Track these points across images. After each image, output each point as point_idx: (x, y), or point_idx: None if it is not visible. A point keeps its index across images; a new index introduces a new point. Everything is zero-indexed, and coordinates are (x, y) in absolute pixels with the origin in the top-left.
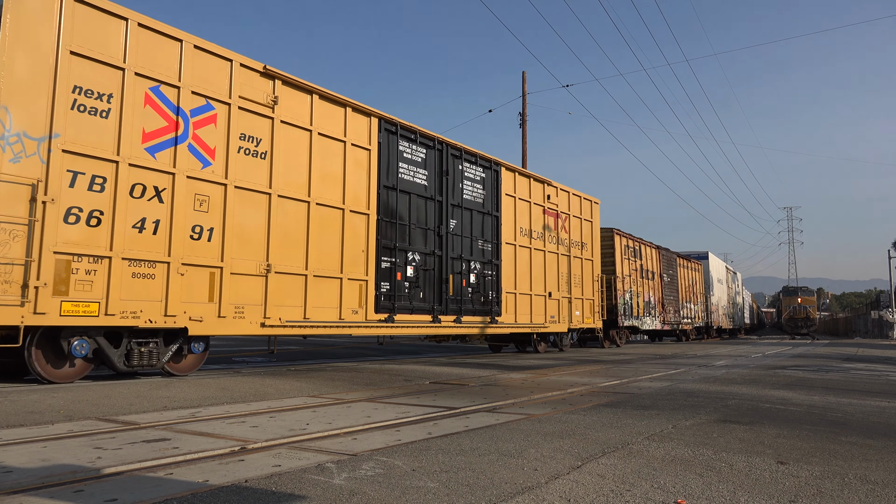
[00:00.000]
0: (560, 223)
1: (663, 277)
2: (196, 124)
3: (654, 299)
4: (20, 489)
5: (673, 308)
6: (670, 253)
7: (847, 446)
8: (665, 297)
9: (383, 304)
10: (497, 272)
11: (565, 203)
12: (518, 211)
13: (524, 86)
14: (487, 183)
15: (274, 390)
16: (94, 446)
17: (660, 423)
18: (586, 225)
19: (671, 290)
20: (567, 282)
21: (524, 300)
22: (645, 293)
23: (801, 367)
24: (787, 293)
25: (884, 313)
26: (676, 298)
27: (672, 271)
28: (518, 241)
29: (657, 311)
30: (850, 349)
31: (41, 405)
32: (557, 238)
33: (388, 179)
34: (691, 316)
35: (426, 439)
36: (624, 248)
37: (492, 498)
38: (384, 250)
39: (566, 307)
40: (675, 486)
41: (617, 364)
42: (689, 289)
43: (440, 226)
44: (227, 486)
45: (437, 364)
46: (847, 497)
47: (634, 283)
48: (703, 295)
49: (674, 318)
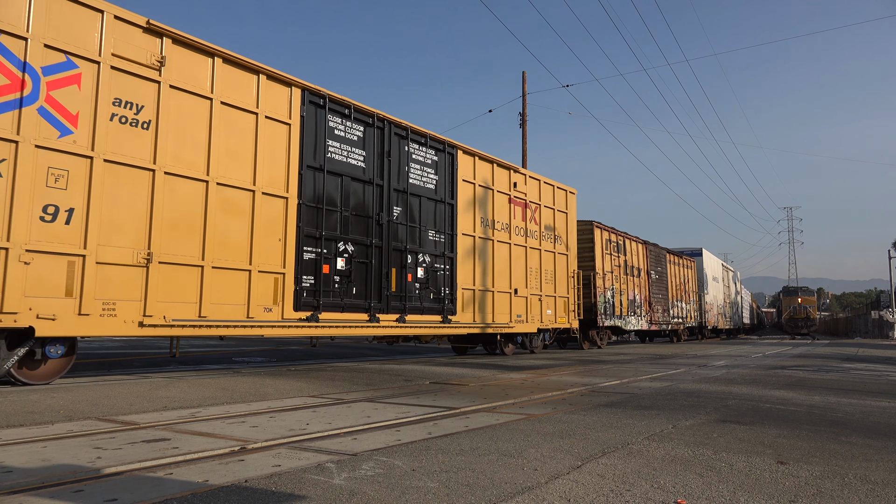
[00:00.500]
0: (529, 214)
1: (651, 274)
2: (51, 84)
3: (641, 298)
4: (20, 489)
5: (662, 307)
6: (659, 249)
7: (847, 446)
8: (653, 296)
9: (306, 301)
10: (452, 266)
11: (535, 192)
12: (478, 199)
13: (524, 86)
14: (441, 167)
15: (274, 390)
16: (94, 446)
17: (660, 423)
18: (560, 216)
19: (660, 287)
20: (537, 278)
21: (485, 297)
22: (630, 291)
23: (802, 368)
24: (787, 293)
25: (884, 313)
26: (666, 297)
27: (661, 268)
28: (478, 232)
29: (644, 310)
30: (851, 349)
31: (41, 405)
32: (526, 230)
33: (314, 159)
34: (683, 315)
35: (426, 439)
36: (605, 243)
37: (492, 498)
38: (308, 239)
39: (536, 305)
40: (675, 486)
41: (599, 363)
42: (680, 287)
43: (381, 213)
44: (227, 486)
45: (437, 364)
46: (847, 497)
47: (617, 280)
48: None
49: (663, 318)
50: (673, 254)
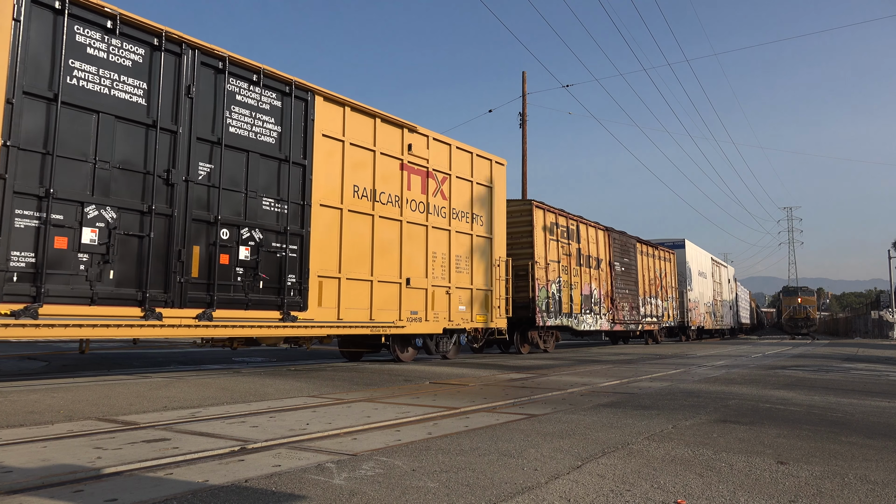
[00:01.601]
0: (433, 186)
1: (614, 266)
2: None
3: (600, 293)
4: (20, 489)
5: (630, 304)
6: (626, 237)
7: (847, 446)
8: (617, 291)
9: (16, 289)
10: (302, 246)
11: (443, 159)
12: (350, 162)
13: (524, 86)
14: (287, 116)
15: (274, 390)
16: (94, 446)
17: (660, 423)
18: (481, 191)
19: (627, 281)
20: (444, 266)
21: (357, 289)
22: (585, 285)
23: (802, 368)
24: (787, 293)
25: (884, 313)
26: (635, 292)
27: (629, 259)
28: (348, 203)
29: (604, 307)
30: (851, 349)
31: (41, 405)
32: (427, 205)
33: (37, 83)
34: (658, 314)
35: (426, 439)
36: (550, 227)
37: (492, 498)
38: (24, 200)
39: (442, 300)
40: (675, 486)
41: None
42: (654, 281)
43: (171, 170)
44: (227, 486)
45: (437, 364)
46: (847, 497)
47: (566, 272)
48: (675, 289)
49: (630, 317)
50: (646, 244)
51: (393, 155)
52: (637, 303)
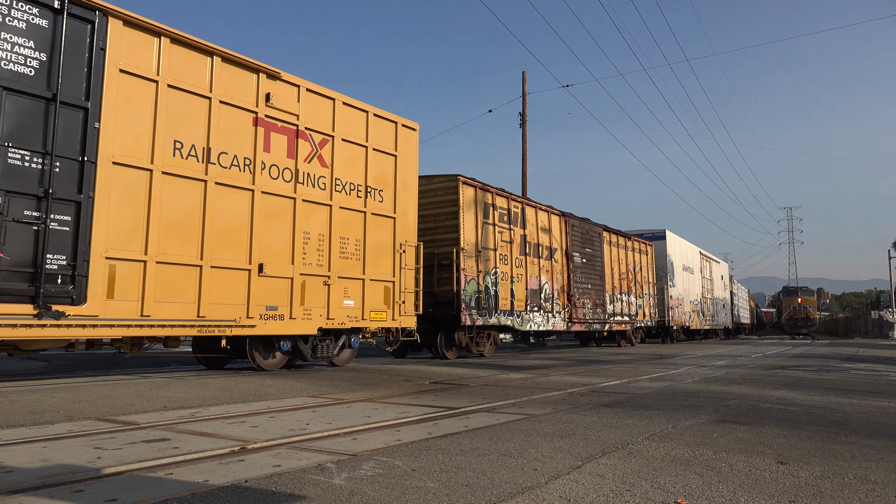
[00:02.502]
0: (306, 149)
1: (572, 257)
2: None
3: (553, 287)
4: (20, 489)
5: (593, 301)
6: (589, 224)
7: (847, 446)
8: (575, 285)
9: None
10: (80, 218)
11: (323, 117)
12: (168, 110)
13: (524, 86)
14: (57, 41)
15: (274, 390)
16: (94, 446)
17: (660, 423)
18: (381, 161)
19: (590, 275)
20: (322, 250)
21: (177, 276)
22: (532, 278)
23: (802, 368)
24: (787, 293)
25: (884, 313)
26: (601, 288)
27: (593, 250)
28: (164, 164)
29: (559, 303)
30: (851, 349)
31: (41, 405)
32: (296, 173)
33: None
34: (630, 312)
35: (426, 439)
36: (485, 209)
37: (492, 498)
38: None
39: (318, 293)
40: (675, 486)
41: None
42: (627, 276)
43: None
44: (227, 486)
45: (437, 364)
46: (847, 497)
47: (506, 262)
48: (653, 285)
49: (594, 315)
50: (615, 233)
51: (242, 106)
52: (603, 299)
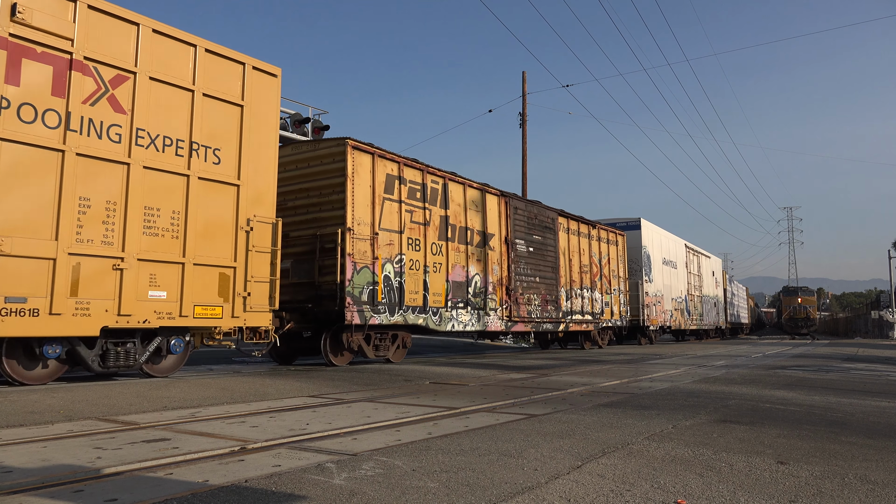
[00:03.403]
0: (88, 87)
1: (515, 245)
2: None
3: (488, 280)
4: (20, 489)
5: (543, 296)
6: (540, 208)
7: (847, 446)
8: (518, 278)
9: None
10: None
11: (121, 48)
12: None
13: (524, 86)
14: None
15: (274, 390)
16: (94, 446)
17: (660, 423)
18: (218, 112)
19: (539, 267)
20: (112, 222)
21: None
22: (456, 268)
23: (802, 368)
24: (788, 293)
25: (884, 313)
26: (554, 282)
27: (543, 237)
28: None
29: (495, 299)
30: (851, 349)
31: (41, 405)
32: (66, 119)
33: None
34: (594, 310)
35: (426, 439)
36: (385, 181)
37: (492, 498)
38: None
39: (103, 281)
40: (675, 486)
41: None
42: (589, 268)
43: None
44: (227, 486)
45: (437, 364)
46: (847, 497)
47: (417, 248)
48: (624, 280)
49: (544, 313)
50: (575, 219)
51: None
52: (556, 295)
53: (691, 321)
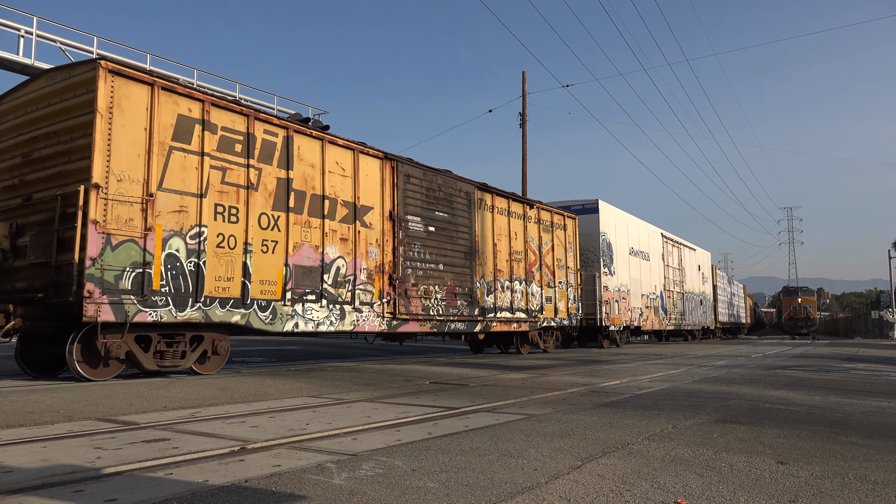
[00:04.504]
0: None
1: (404, 222)
2: None
3: (359, 265)
4: (20, 489)
5: (449, 288)
6: (447, 178)
7: (847, 446)
8: (411, 265)
9: None
10: None
11: None
12: None
13: (524, 86)
14: None
15: (274, 390)
16: (94, 446)
17: (660, 423)
18: None
19: (445, 252)
20: None
21: None
22: (305, 249)
23: (802, 368)
24: (788, 293)
25: (884, 313)
26: (470, 271)
27: (455, 215)
28: None
29: (371, 290)
30: (851, 349)
31: (41, 405)
32: None
33: None
34: (531, 306)
35: (426, 439)
36: (177, 124)
37: (492, 498)
38: None
39: None
40: (675, 486)
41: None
42: (524, 256)
43: None
44: (227, 486)
45: (437, 364)
46: (847, 497)
47: (234, 219)
48: (575, 272)
49: (449, 309)
50: (503, 196)
51: None
52: (471, 287)
53: (668, 320)
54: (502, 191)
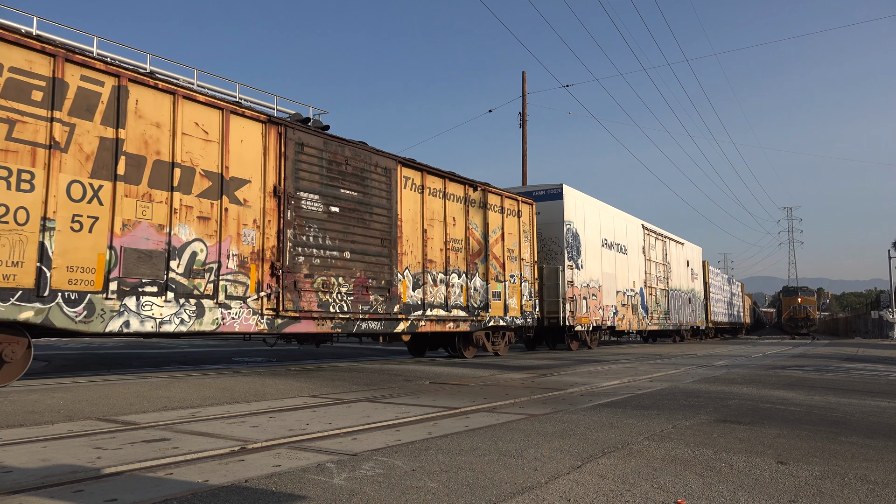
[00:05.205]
0: None
1: (295, 200)
2: None
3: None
4: (20, 489)
5: (361, 280)
6: (357, 149)
7: (847, 446)
8: (305, 251)
9: None
10: None
11: None
12: None
13: (524, 86)
14: None
15: (274, 390)
16: (94, 446)
17: (660, 423)
18: None
19: (357, 237)
20: None
21: None
22: (140, 228)
23: (802, 367)
24: (787, 293)
25: (884, 313)
26: (389, 259)
27: (368, 195)
28: None
29: (247, 281)
30: (851, 349)
31: (41, 405)
32: None
33: None
34: (474, 303)
35: (426, 439)
36: None
37: (492, 498)
38: None
39: None
40: (675, 486)
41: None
42: (465, 245)
43: None
44: (227, 486)
45: (437, 364)
46: (847, 497)
47: (19, 185)
48: (532, 264)
49: (359, 305)
50: (436, 174)
51: None
52: (390, 279)
53: (650, 320)
54: (436, 169)
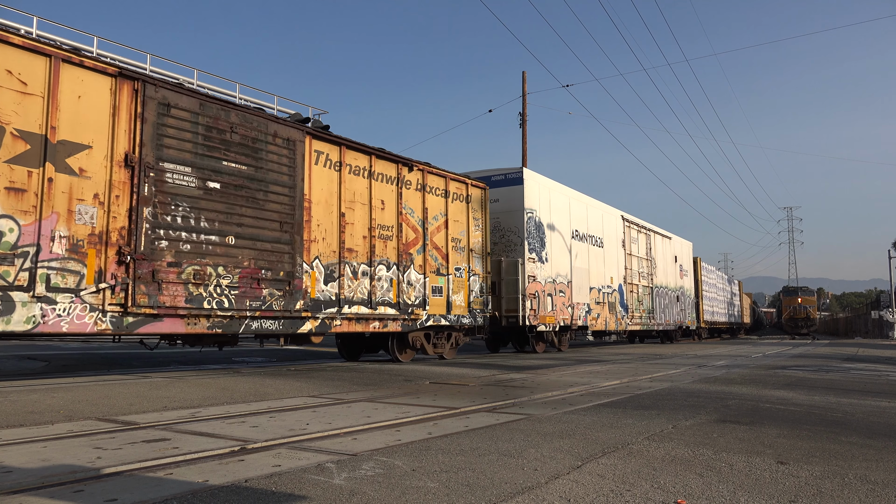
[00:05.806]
0: None
1: (160, 174)
2: None
3: (51, 233)
4: (20, 489)
5: (250, 271)
6: (249, 114)
7: (847, 446)
8: (174, 234)
9: None
10: None
11: None
12: None
13: (524, 86)
14: None
15: (274, 390)
16: (94, 446)
17: (660, 423)
18: None
19: (246, 219)
20: None
21: None
22: None
23: (802, 367)
24: (788, 293)
25: (884, 313)
26: (291, 245)
27: (264, 170)
28: None
29: (87, 271)
30: (851, 349)
31: (41, 405)
32: None
33: None
34: (407, 299)
35: (426, 439)
36: None
37: (492, 498)
38: None
39: None
40: (675, 486)
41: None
42: (396, 232)
43: None
44: (227, 486)
45: (437, 364)
46: (847, 497)
47: None
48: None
49: (247, 301)
50: (365, 151)
51: None
52: (291, 270)
53: (630, 319)
54: (360, 143)
